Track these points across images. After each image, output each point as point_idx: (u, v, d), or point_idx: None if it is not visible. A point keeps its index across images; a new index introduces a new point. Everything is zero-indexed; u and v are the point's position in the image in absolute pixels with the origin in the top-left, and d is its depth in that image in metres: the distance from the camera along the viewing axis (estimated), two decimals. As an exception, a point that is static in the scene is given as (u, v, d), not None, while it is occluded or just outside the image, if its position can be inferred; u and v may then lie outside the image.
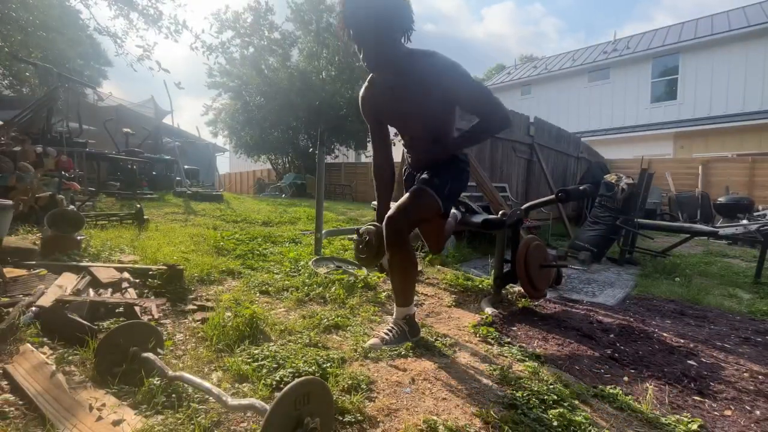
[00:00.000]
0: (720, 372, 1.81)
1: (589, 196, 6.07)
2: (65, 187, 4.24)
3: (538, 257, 2.51)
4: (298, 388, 0.90)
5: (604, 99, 15.47)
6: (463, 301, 2.61)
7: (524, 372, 1.59)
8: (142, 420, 1.06)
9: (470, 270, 3.53)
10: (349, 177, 15.84)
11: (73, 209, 2.85)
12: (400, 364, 1.57)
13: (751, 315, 2.83)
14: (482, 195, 4.69)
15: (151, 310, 1.82)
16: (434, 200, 1.69)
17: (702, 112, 13.20)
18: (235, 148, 18.02)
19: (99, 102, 11.34)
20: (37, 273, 2.03)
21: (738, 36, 12.50)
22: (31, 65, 7.45)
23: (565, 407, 1.32)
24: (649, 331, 2.26)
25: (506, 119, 1.67)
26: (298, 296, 2.29)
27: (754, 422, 1.42)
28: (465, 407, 1.30)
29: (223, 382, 1.33)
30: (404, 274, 1.71)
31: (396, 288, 1.77)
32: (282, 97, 14.81)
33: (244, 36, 15.10)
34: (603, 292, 3.24)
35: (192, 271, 2.42)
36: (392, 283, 1.79)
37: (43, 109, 4.78)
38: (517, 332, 2.09)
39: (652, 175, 5.25)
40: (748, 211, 7.83)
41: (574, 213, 8.70)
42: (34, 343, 1.41)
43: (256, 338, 1.66)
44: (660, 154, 12.95)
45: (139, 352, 1.30)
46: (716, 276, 4.07)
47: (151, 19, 8.06)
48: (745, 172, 9.96)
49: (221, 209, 6.30)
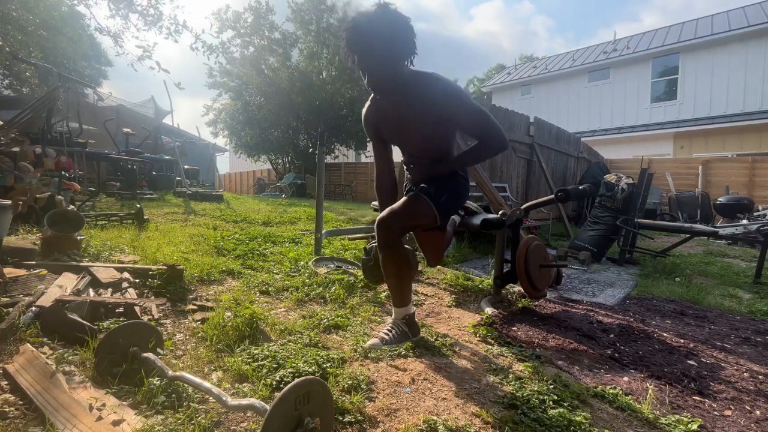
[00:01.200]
0: (720, 372, 1.81)
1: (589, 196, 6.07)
2: (65, 187, 4.24)
3: (538, 257, 2.51)
4: (298, 388, 0.90)
5: (604, 99, 15.47)
6: (463, 301, 2.61)
7: (524, 372, 1.59)
8: (142, 420, 1.06)
9: (470, 270, 3.53)
10: (349, 177, 15.84)
11: (73, 209, 2.85)
12: (400, 364, 1.57)
13: (751, 315, 2.83)
14: (482, 195, 4.69)
15: (151, 310, 1.82)
16: (429, 207, 1.69)
17: (702, 112, 13.20)
18: (235, 148, 18.03)
19: (99, 102, 11.34)
20: (37, 273, 2.03)
21: (738, 36, 12.50)
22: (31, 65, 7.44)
23: (565, 407, 1.32)
24: (649, 331, 2.26)
25: (503, 143, 1.71)
26: (298, 296, 2.29)
27: (754, 422, 1.42)
28: (465, 407, 1.30)
29: (223, 382, 1.33)
30: (398, 274, 1.72)
31: (391, 288, 1.78)
32: (282, 97, 14.82)
33: (244, 36, 15.11)
34: (603, 292, 3.24)
35: (192, 271, 2.42)
36: (387, 283, 1.80)
37: (43, 109, 4.78)
38: (517, 332, 2.09)
39: (652, 175, 5.24)
40: (748, 211, 7.83)
41: (574, 213, 8.70)
42: (34, 343, 1.41)
43: (256, 338, 1.66)
44: (660, 154, 12.96)
45: (139, 352, 1.30)
46: (716, 276, 4.07)
47: (151, 19, 8.05)
48: (745, 172, 9.96)
49: (221, 209, 6.30)
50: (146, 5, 7.94)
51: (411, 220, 1.69)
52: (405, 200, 1.71)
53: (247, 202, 8.69)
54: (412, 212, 1.67)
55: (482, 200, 4.66)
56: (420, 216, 1.70)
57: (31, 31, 8.47)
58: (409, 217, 1.67)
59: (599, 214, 4.81)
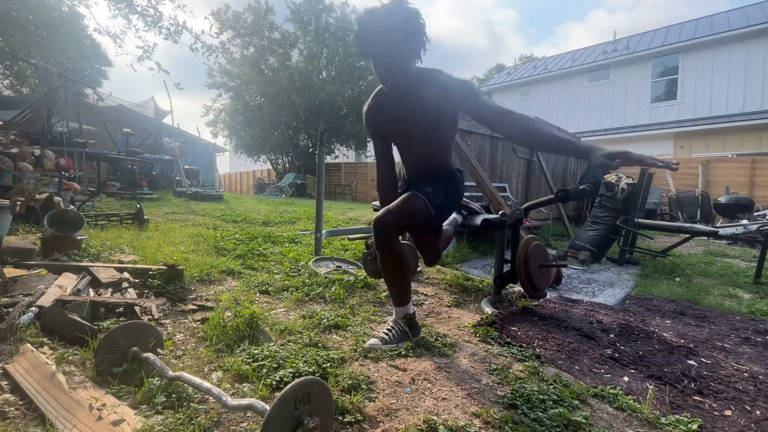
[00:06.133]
0: (720, 372, 1.81)
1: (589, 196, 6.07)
2: (65, 188, 4.25)
3: (538, 257, 2.51)
4: (298, 388, 0.90)
5: (604, 99, 15.47)
6: (463, 301, 2.61)
7: (524, 372, 1.59)
8: (142, 420, 1.06)
9: (470, 270, 3.53)
10: (349, 177, 15.84)
11: (73, 209, 2.85)
12: (400, 364, 1.57)
13: (751, 315, 2.83)
14: (482, 195, 4.69)
15: (151, 310, 1.82)
16: (425, 206, 1.69)
17: (702, 112, 13.20)
18: (235, 148, 18.05)
19: (99, 102, 11.34)
20: (37, 273, 2.03)
21: (738, 36, 12.50)
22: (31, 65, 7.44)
23: (565, 407, 1.32)
24: (649, 331, 2.26)
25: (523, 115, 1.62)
26: (298, 296, 2.29)
27: (754, 422, 1.41)
28: (465, 407, 1.30)
29: (223, 382, 1.33)
30: (395, 273, 1.72)
31: (389, 287, 1.79)
32: (282, 97, 14.83)
33: (244, 36, 15.12)
34: (603, 292, 3.24)
35: (192, 271, 2.42)
36: (385, 282, 1.80)
37: (43, 109, 4.78)
38: (517, 332, 2.09)
39: (652, 175, 5.24)
40: (748, 211, 7.83)
41: (574, 213, 8.70)
42: (34, 343, 1.41)
43: (256, 338, 1.66)
44: (660, 154, 12.93)
45: (139, 352, 1.30)
46: (716, 276, 4.07)
47: (151, 20, 8.05)
48: (745, 172, 9.96)
49: (221, 209, 6.30)
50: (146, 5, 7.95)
51: (407, 219, 1.69)
52: (402, 199, 1.71)
53: (247, 202, 8.69)
54: (409, 210, 1.67)
55: (482, 200, 4.66)
56: (416, 215, 1.70)
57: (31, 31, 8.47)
58: (406, 215, 1.67)
59: (599, 214, 4.81)
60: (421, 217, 1.70)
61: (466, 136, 5.27)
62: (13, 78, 11.36)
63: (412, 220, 1.71)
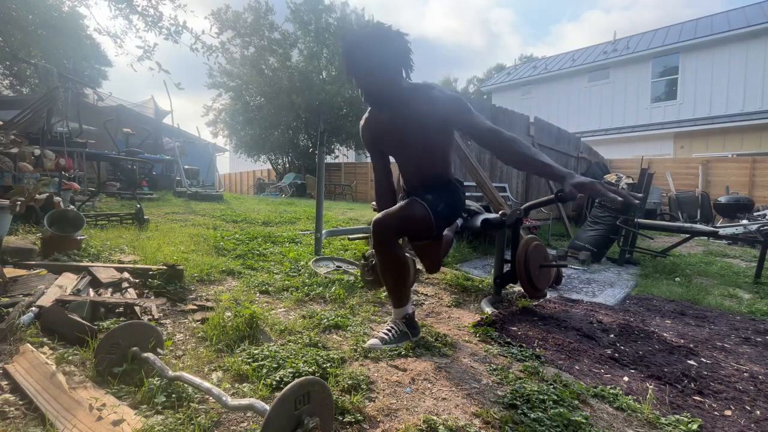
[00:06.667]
0: (720, 372, 1.81)
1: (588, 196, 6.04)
2: (65, 188, 4.25)
3: (538, 257, 2.51)
4: (298, 388, 0.90)
5: (604, 99, 15.47)
6: (463, 301, 2.61)
7: (524, 372, 1.59)
8: (142, 420, 1.06)
9: (470, 270, 3.53)
10: (349, 177, 15.84)
11: (73, 209, 2.85)
12: (400, 364, 1.57)
13: (751, 315, 2.83)
14: (482, 195, 4.69)
15: (151, 310, 1.82)
16: (425, 212, 1.69)
17: (702, 112, 13.20)
18: (235, 148, 18.04)
19: (99, 102, 11.34)
20: (37, 273, 2.03)
21: (738, 36, 12.50)
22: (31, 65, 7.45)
23: (565, 407, 1.32)
24: (649, 331, 2.26)
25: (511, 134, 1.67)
26: (298, 296, 2.29)
27: (754, 422, 1.42)
28: (465, 407, 1.30)
29: (223, 382, 1.33)
30: (393, 274, 1.72)
31: (388, 289, 1.79)
32: (282, 97, 14.83)
33: (244, 36, 15.12)
34: (603, 292, 3.24)
35: (192, 271, 2.42)
36: (384, 284, 1.80)
37: (43, 109, 4.78)
38: (517, 332, 2.09)
39: (652, 175, 5.24)
40: (748, 211, 7.83)
41: (574, 213, 8.70)
42: (34, 343, 1.41)
43: (256, 338, 1.66)
44: (660, 154, 12.96)
45: (139, 352, 1.30)
46: (716, 276, 4.07)
47: (151, 20, 8.06)
48: (745, 172, 9.96)
49: (221, 209, 6.30)
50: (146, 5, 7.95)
51: (406, 222, 1.68)
52: (402, 203, 1.72)
53: (247, 202, 8.69)
54: (408, 214, 1.67)
55: (482, 200, 4.66)
56: (416, 219, 1.69)
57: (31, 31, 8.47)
58: (405, 218, 1.66)
59: (599, 214, 4.81)
60: (421, 222, 1.70)
61: (466, 136, 5.26)
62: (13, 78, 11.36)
63: (411, 224, 1.71)
